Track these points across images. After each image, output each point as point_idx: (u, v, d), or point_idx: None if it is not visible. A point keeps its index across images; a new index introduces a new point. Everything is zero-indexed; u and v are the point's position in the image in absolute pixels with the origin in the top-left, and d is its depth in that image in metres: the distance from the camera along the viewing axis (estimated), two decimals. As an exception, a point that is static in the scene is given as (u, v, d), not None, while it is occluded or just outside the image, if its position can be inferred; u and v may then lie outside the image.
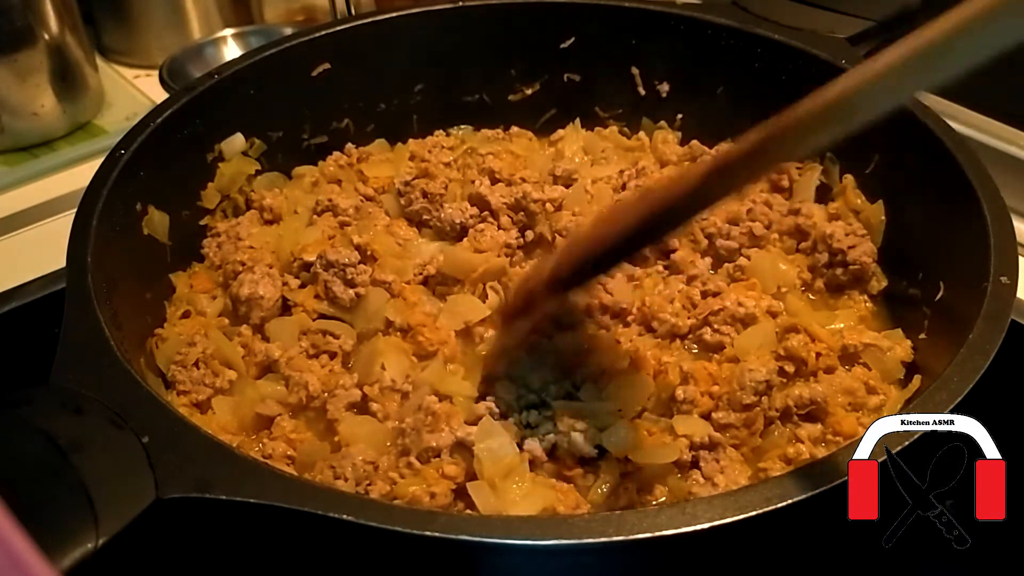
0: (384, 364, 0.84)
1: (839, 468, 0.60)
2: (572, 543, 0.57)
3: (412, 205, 1.00)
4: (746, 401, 0.78)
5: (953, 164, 0.86)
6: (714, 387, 0.80)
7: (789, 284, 0.93)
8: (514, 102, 1.22)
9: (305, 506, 0.58)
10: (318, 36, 1.10)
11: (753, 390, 0.78)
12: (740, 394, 0.78)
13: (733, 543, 0.64)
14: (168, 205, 0.96)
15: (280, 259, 0.96)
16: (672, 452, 0.76)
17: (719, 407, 0.79)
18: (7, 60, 1.26)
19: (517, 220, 1.00)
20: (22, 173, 1.26)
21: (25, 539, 0.34)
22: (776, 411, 0.79)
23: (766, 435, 0.80)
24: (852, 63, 1.01)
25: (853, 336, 0.86)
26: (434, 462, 0.74)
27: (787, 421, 0.80)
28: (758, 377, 0.78)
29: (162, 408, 0.66)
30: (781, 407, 0.79)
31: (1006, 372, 0.69)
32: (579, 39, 1.17)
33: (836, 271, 0.94)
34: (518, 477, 0.74)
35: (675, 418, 0.79)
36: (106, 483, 0.57)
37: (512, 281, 0.91)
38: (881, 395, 0.82)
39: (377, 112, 1.17)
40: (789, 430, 0.80)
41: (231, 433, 0.83)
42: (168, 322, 0.93)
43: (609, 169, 1.09)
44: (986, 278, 0.75)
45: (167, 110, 0.96)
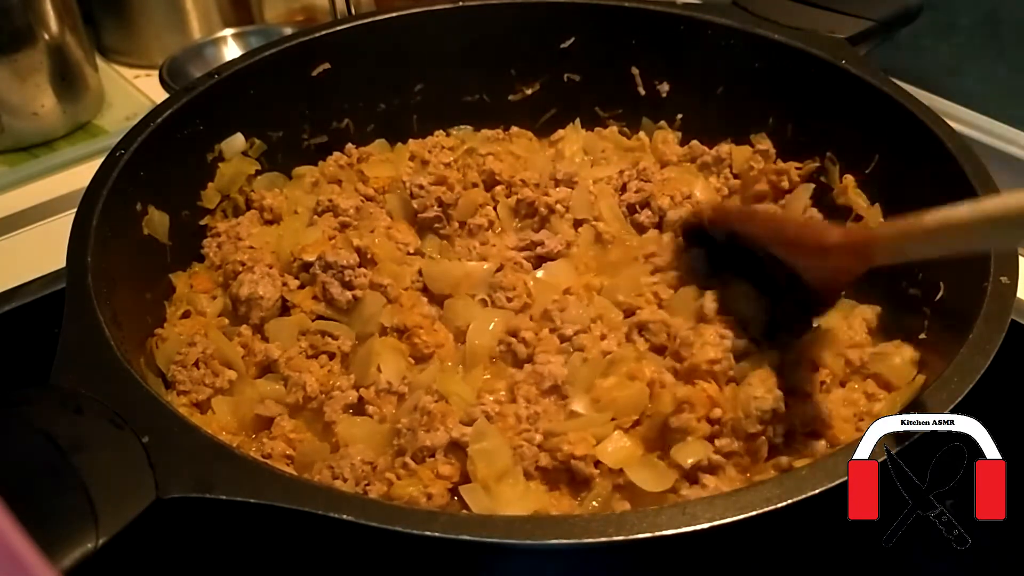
0: (380, 366, 0.84)
1: (839, 468, 0.60)
2: (572, 543, 0.56)
3: (425, 212, 0.99)
4: (751, 430, 0.74)
5: (953, 164, 0.86)
6: (715, 410, 0.76)
7: None
8: (514, 102, 1.22)
9: (305, 506, 0.58)
10: (318, 36, 1.10)
11: (759, 419, 0.74)
12: (745, 422, 0.74)
13: (733, 543, 0.64)
14: (168, 205, 0.96)
15: (280, 259, 0.96)
16: (666, 480, 0.73)
17: (723, 433, 0.75)
18: (7, 60, 1.26)
19: (525, 224, 1.00)
20: (22, 173, 1.26)
21: (25, 539, 0.34)
22: (781, 437, 0.76)
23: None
24: (852, 63, 1.01)
25: (855, 353, 0.84)
26: (429, 462, 0.74)
27: (792, 442, 0.77)
28: (764, 406, 0.74)
29: (162, 408, 0.66)
30: (784, 431, 0.76)
31: (1006, 372, 0.69)
32: (579, 39, 1.17)
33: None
34: (512, 480, 0.73)
35: (675, 447, 0.75)
36: (106, 483, 0.58)
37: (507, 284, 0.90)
38: (882, 401, 0.81)
39: (377, 112, 1.17)
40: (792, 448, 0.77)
41: (231, 433, 0.83)
42: (168, 322, 0.93)
43: (609, 169, 1.09)
44: (986, 278, 0.74)
45: (167, 110, 0.96)
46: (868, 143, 0.99)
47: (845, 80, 1.00)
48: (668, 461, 0.75)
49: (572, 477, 0.76)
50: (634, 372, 0.81)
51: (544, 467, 0.75)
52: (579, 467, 0.74)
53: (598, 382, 0.81)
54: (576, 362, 0.82)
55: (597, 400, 0.79)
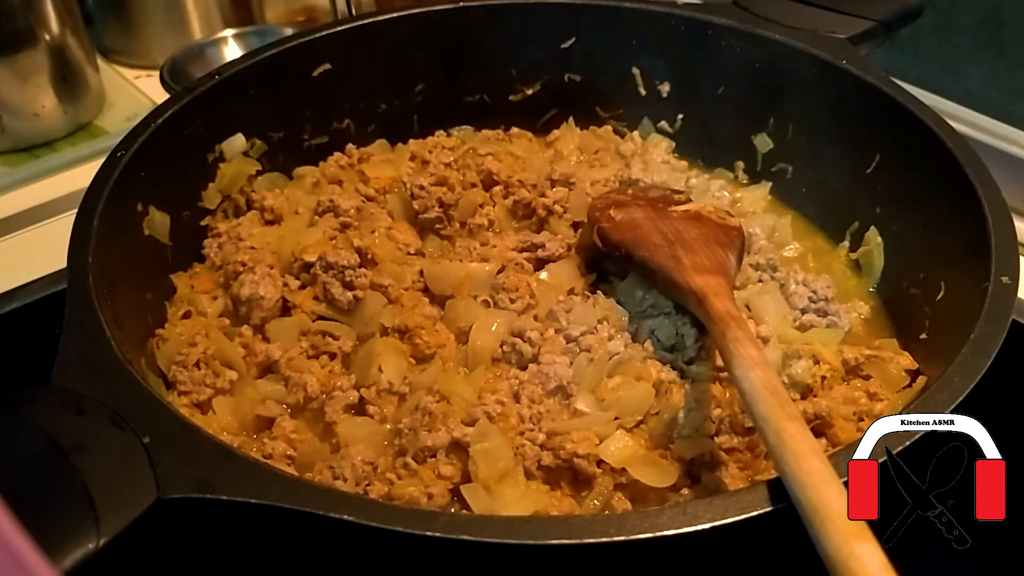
0: (381, 366, 0.84)
1: (839, 468, 0.60)
2: (572, 543, 0.57)
3: (426, 212, 0.99)
4: (748, 424, 0.76)
5: (953, 164, 0.86)
6: (716, 410, 0.79)
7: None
8: (515, 102, 1.22)
9: (306, 506, 0.58)
10: (318, 36, 1.10)
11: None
12: (742, 418, 0.76)
13: (734, 543, 0.64)
14: (169, 206, 0.96)
15: (281, 260, 0.96)
16: (669, 476, 0.75)
17: (721, 431, 0.77)
18: (8, 61, 1.26)
19: (523, 224, 1.00)
20: (23, 174, 1.26)
21: (26, 539, 0.34)
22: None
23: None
24: (852, 63, 1.01)
25: (853, 351, 0.85)
26: (430, 462, 0.74)
27: None
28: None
29: (163, 408, 0.66)
30: None
31: (1006, 372, 0.69)
32: (579, 39, 1.18)
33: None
34: (513, 480, 0.74)
35: (676, 443, 0.77)
36: (107, 483, 0.57)
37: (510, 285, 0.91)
38: (884, 401, 0.82)
39: (378, 112, 1.17)
40: None
41: (232, 433, 0.83)
42: (169, 322, 0.93)
43: (606, 172, 1.09)
44: (987, 278, 0.75)
45: (168, 111, 0.96)
46: (868, 143, 1.00)
47: (845, 80, 1.00)
48: (671, 455, 0.76)
49: (574, 476, 0.76)
50: (640, 373, 0.81)
51: (546, 466, 0.75)
52: (582, 466, 0.74)
53: (603, 382, 0.81)
54: (582, 362, 0.82)
55: (601, 399, 0.80)
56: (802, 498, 0.55)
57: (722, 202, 1.07)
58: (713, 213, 0.93)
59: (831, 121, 1.04)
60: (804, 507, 0.55)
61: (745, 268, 0.95)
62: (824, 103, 1.04)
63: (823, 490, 0.55)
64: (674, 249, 0.85)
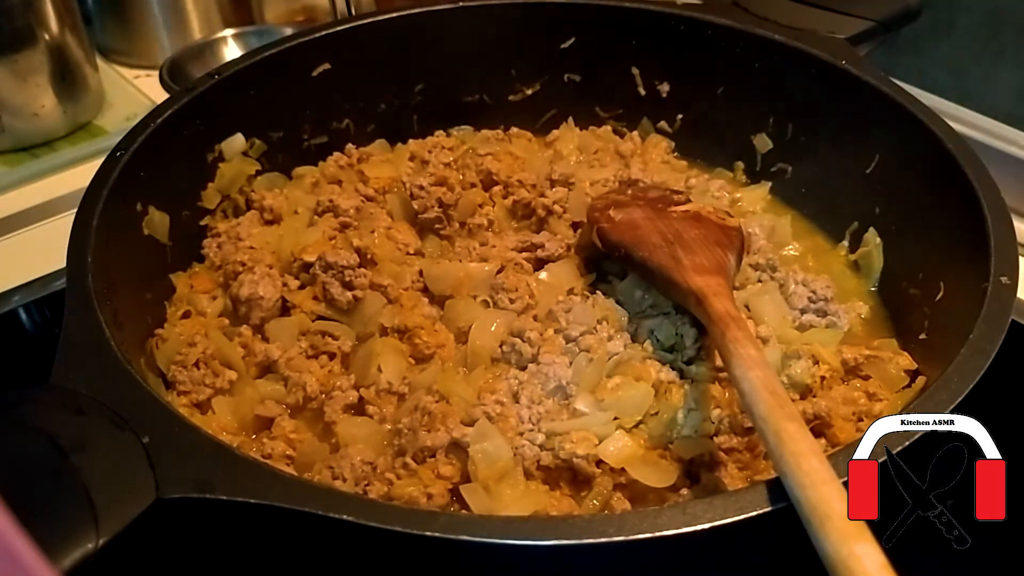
0: (381, 366, 0.84)
1: (839, 468, 0.60)
2: (572, 543, 0.56)
3: (426, 212, 0.99)
4: (748, 424, 0.76)
5: (953, 164, 0.86)
6: (715, 410, 0.79)
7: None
8: (514, 102, 1.22)
9: (306, 506, 0.58)
10: (318, 36, 1.10)
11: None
12: (742, 418, 0.76)
13: (733, 543, 0.64)
14: (168, 205, 0.96)
15: (280, 260, 0.96)
16: (669, 476, 0.75)
17: (720, 431, 0.77)
18: (7, 60, 1.26)
19: (523, 224, 1.00)
20: (22, 173, 1.26)
21: (25, 539, 0.34)
22: None
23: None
24: (852, 63, 1.01)
25: (852, 351, 0.85)
26: (429, 462, 0.74)
27: None
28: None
29: (162, 408, 0.66)
30: None
31: (1006, 372, 0.69)
32: (579, 39, 1.18)
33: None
34: (512, 480, 0.74)
35: (675, 443, 0.77)
36: (106, 483, 0.57)
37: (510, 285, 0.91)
38: (884, 401, 0.82)
39: (377, 112, 1.17)
40: None
41: (231, 433, 0.83)
42: (168, 322, 0.93)
43: (605, 172, 1.09)
44: (986, 278, 0.75)
45: (167, 110, 0.96)
46: (868, 143, 1.00)
47: (845, 80, 1.00)
48: (670, 456, 0.76)
49: (573, 476, 0.76)
50: (640, 373, 0.81)
51: (546, 466, 0.75)
52: (581, 466, 0.74)
53: (602, 382, 0.81)
54: (581, 362, 0.82)
55: (601, 400, 0.80)
56: (801, 498, 0.55)
57: (722, 202, 1.06)
58: (713, 213, 0.93)
59: (830, 121, 1.04)
60: (803, 507, 0.55)
61: (744, 268, 0.95)
62: (823, 103, 1.04)
63: (823, 490, 0.55)
64: (673, 249, 0.85)
